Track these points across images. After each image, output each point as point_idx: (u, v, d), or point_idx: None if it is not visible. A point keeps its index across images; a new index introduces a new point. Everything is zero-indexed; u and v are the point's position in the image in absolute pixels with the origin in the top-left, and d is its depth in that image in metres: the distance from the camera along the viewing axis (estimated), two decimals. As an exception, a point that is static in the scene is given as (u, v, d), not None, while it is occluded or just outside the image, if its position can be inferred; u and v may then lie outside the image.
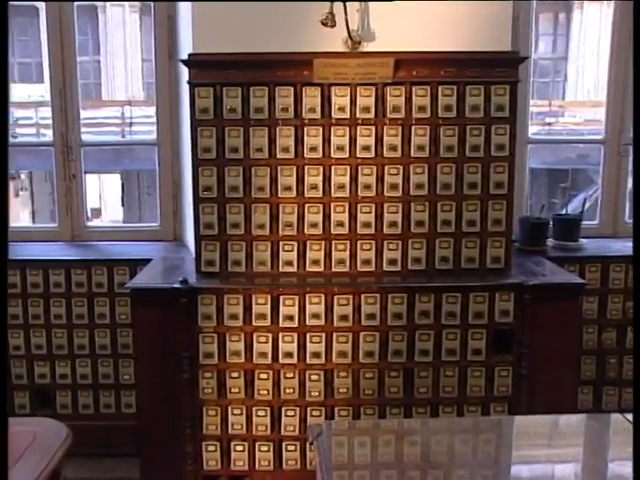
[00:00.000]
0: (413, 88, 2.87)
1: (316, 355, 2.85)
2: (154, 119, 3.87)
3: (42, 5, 4.07)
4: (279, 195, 2.92)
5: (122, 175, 11.99)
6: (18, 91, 12.54)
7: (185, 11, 3.37)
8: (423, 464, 1.88)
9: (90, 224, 3.99)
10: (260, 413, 2.89)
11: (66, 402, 3.54)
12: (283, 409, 2.88)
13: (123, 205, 12.21)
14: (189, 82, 2.91)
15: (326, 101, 2.89)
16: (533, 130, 3.96)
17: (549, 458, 1.95)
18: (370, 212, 2.93)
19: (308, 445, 2.89)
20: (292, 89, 2.89)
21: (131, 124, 10.41)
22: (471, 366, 2.89)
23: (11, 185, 12.47)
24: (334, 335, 2.85)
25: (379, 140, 2.90)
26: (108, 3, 12.58)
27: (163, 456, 2.98)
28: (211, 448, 2.93)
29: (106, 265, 3.43)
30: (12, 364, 3.53)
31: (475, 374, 2.89)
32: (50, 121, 3.92)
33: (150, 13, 3.82)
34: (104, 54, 13.14)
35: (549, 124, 8.45)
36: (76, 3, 3.82)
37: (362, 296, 2.83)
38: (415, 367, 2.87)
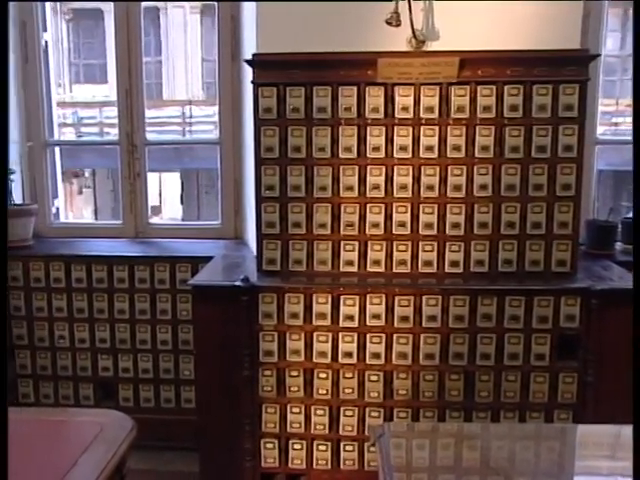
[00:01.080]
0: (478, 88, 2.82)
1: (376, 356, 2.84)
2: (214, 118, 3.93)
3: (107, 8, 4.16)
4: (341, 195, 2.92)
5: (181, 174, 12.20)
6: (83, 92, 12.88)
7: (249, 11, 3.40)
8: (483, 469, 1.85)
9: (152, 221, 4.06)
10: (319, 412, 2.89)
11: (128, 395, 3.62)
12: (342, 409, 2.88)
13: (182, 203, 12.42)
14: (253, 82, 2.93)
15: (389, 101, 2.87)
16: (599, 130, 3.85)
17: (612, 471, 1.89)
18: (432, 213, 2.90)
19: (366, 446, 2.88)
20: (355, 89, 2.88)
21: (191, 123, 10.58)
22: (534, 371, 2.83)
23: (75, 182, 12.83)
24: (394, 336, 2.83)
25: (442, 140, 2.87)
26: (170, 5, 12.80)
27: (222, 452, 3.01)
28: (269, 445, 2.95)
29: (168, 262, 3.49)
30: (77, 356, 3.63)
31: (538, 380, 2.83)
32: (114, 120, 4.00)
33: (211, 14, 3.87)
34: (165, 55, 13.39)
35: (616, 124, 8.20)
36: (143, 4, 3.90)
37: (423, 297, 2.80)
38: (476, 371, 2.82)
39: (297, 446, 2.92)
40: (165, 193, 12.61)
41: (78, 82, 13.50)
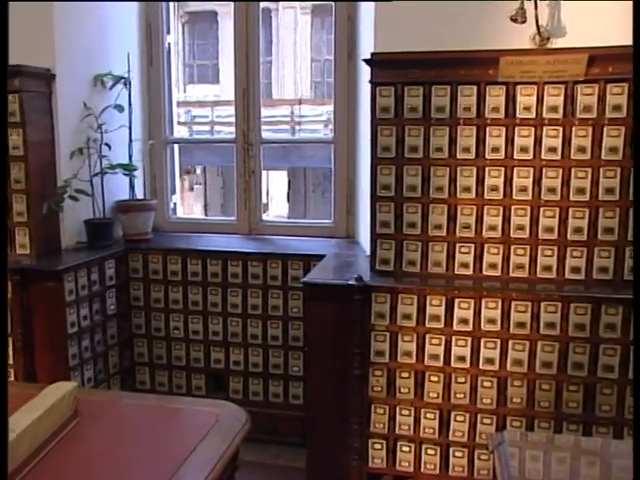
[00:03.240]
0: (608, 86, 2.69)
1: (490, 361, 2.77)
2: (322, 117, 3.95)
3: (222, 10, 4.27)
4: (458, 196, 2.87)
5: (289, 172, 12.39)
6: (196, 91, 13.33)
7: (366, 11, 3.40)
8: (602, 490, 1.76)
9: (265, 218, 4.14)
10: (429, 416, 2.85)
11: (238, 388, 3.71)
12: (452, 413, 2.83)
13: (289, 201, 12.61)
14: (371, 81, 2.93)
15: (510, 100, 2.80)
16: None
17: None
18: (553, 217, 2.79)
19: (477, 453, 2.82)
20: (475, 88, 2.82)
21: (300, 122, 10.72)
22: (661, 386, 2.67)
23: (187, 179, 13.29)
24: (510, 342, 2.75)
25: (566, 141, 2.76)
26: (281, 5, 13.01)
27: (329, 449, 3.02)
28: (377, 446, 2.93)
29: (281, 259, 3.54)
30: (191, 348, 3.75)
31: (666, 396, 2.67)
32: (225, 119, 4.11)
33: (321, 15, 3.90)
34: (275, 55, 13.63)
35: None
36: (262, 4, 3.98)
37: (542, 304, 2.71)
38: (597, 383, 2.70)
39: (405, 448, 2.90)
40: (272, 191, 12.85)
41: (192, 82, 13.97)
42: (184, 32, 14.05)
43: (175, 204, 4.37)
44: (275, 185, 12.83)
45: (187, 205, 12.79)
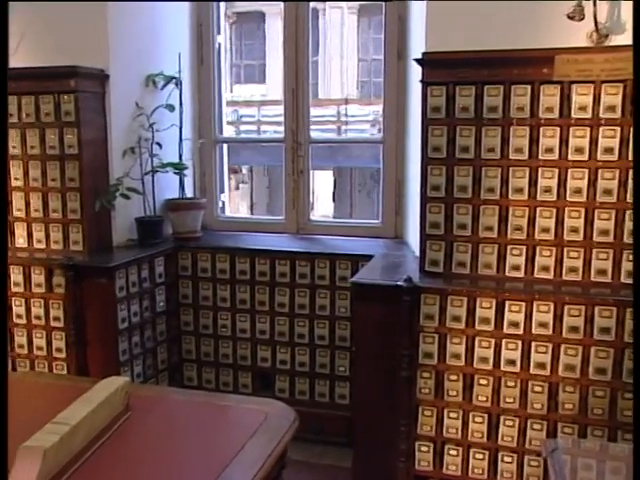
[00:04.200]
0: (669, 85, 2.62)
1: (541, 366, 2.72)
2: (369, 117, 3.95)
3: (270, 11, 4.31)
4: (509, 197, 2.82)
5: (334, 171, 12.40)
6: (243, 91, 13.44)
7: (417, 11, 3.38)
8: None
9: (313, 218, 4.14)
10: (477, 419, 2.82)
11: (284, 387, 3.72)
12: (502, 418, 2.79)
13: (334, 201, 12.62)
14: (422, 81, 2.90)
15: (565, 100, 2.74)
16: None
17: None
18: (609, 219, 2.72)
19: (527, 459, 2.77)
20: (529, 87, 2.77)
21: (347, 122, 10.71)
22: None
23: (233, 178, 13.41)
24: (562, 347, 2.69)
25: (624, 141, 2.69)
26: (328, 5, 13.03)
27: (376, 450, 3.01)
28: (424, 448, 2.91)
29: (329, 259, 3.54)
30: (238, 346, 3.78)
31: None
32: (272, 119, 4.14)
33: (368, 14, 3.89)
34: (322, 55, 13.66)
35: None
36: (311, 4, 3.99)
37: (596, 308, 2.64)
38: (654, 390, 2.63)
39: (453, 452, 2.87)
40: (318, 190, 12.89)
41: (238, 82, 14.10)
42: (231, 32, 14.19)
43: (224, 203, 4.41)
44: (321, 185, 12.86)
45: (233, 204, 12.92)
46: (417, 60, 2.92)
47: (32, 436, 1.74)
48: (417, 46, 3.23)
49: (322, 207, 12.56)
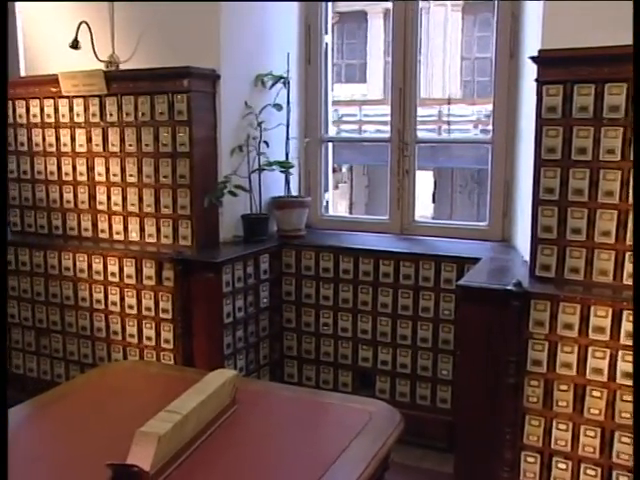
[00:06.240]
0: None
1: (661, 380, 2.57)
2: (472, 117, 3.86)
3: (371, 10, 4.30)
4: (630, 202, 2.68)
5: (435, 172, 12.25)
6: (344, 91, 13.49)
7: (532, 8, 3.28)
8: None
9: (417, 219, 4.10)
10: (589, 433, 2.69)
11: (384, 387, 3.69)
12: (616, 434, 2.64)
13: (434, 202, 12.46)
14: (537, 80, 2.81)
15: (696, 98, 2.58)
16: None
17: None
18: None
19: (642, 477, 2.63)
20: (655, 85, 2.62)
21: (449, 122, 10.55)
22: None
23: (332, 178, 13.50)
24: (686, 361, 2.54)
25: None
26: (432, 4, 12.87)
27: (479, 457, 2.94)
28: (530, 459, 2.81)
29: (434, 260, 3.48)
30: (339, 344, 3.79)
31: None
32: (372, 118, 4.11)
33: (472, 12, 3.80)
34: (424, 53, 13.51)
35: None
36: (423, 4, 3.94)
37: None
38: None
39: (561, 465, 2.75)
40: (418, 191, 12.76)
41: (339, 82, 14.17)
42: (334, 32, 14.27)
43: (327, 202, 4.44)
44: (420, 185, 12.73)
45: (333, 203, 12.99)
46: (532, 58, 2.83)
47: (147, 422, 1.80)
48: (531, 44, 3.13)
49: (421, 208, 12.43)
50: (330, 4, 4.38)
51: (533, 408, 2.78)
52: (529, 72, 3.04)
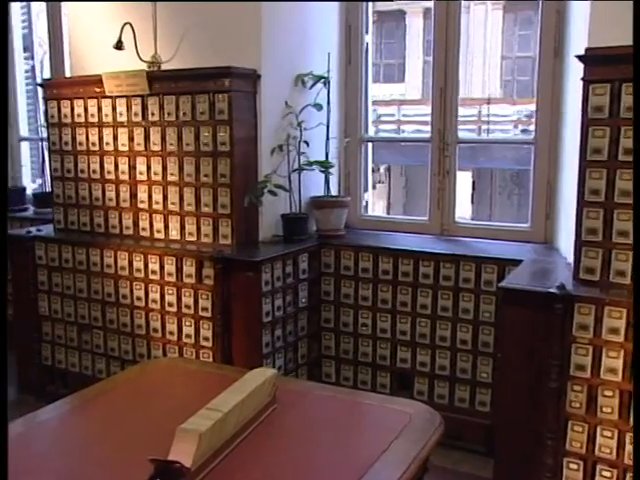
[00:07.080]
0: None
1: None
2: (512, 117, 3.80)
3: (409, 10, 4.27)
4: (678, 203, 2.62)
5: (474, 172, 12.13)
6: (382, 90, 13.44)
7: (577, 6, 3.22)
8: None
9: (458, 219, 4.06)
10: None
11: (423, 389, 3.66)
12: (663, 441, 2.59)
13: (473, 202, 12.34)
14: (583, 79, 2.75)
15: None
16: None
17: None
18: None
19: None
20: None
21: (489, 122, 10.44)
22: None
23: (370, 178, 13.47)
24: None
25: None
26: (472, 3, 12.75)
27: (519, 463, 2.90)
28: (573, 466, 2.76)
29: (474, 262, 3.44)
30: (377, 345, 3.77)
31: None
32: (410, 118, 4.08)
33: (513, 10, 3.75)
34: (464, 52, 13.39)
35: None
36: (463, 2, 3.90)
37: None
38: None
39: (606, 473, 2.69)
40: (457, 192, 12.66)
41: (377, 81, 14.13)
42: (373, 32, 14.23)
43: (367, 202, 4.42)
44: (460, 186, 12.62)
45: (371, 203, 12.96)
46: (579, 57, 2.77)
47: (188, 419, 1.82)
48: (577, 42, 3.07)
49: (460, 209, 12.33)
50: (370, 4, 4.36)
51: (576, 414, 2.72)
52: (574, 71, 2.99)
